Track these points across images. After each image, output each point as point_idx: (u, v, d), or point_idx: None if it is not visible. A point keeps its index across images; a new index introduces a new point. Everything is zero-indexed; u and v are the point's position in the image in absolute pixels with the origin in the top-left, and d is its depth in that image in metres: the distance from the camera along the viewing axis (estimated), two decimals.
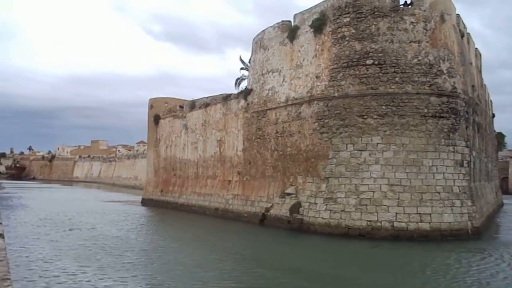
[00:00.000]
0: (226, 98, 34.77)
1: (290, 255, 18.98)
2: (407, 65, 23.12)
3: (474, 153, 26.68)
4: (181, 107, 42.00)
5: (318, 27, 25.49)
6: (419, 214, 21.78)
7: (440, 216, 21.86)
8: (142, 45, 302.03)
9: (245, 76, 38.90)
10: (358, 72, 23.60)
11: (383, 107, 23.02)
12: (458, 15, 26.12)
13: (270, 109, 29.15)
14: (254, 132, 30.66)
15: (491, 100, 45.48)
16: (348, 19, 24.12)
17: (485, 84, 38.98)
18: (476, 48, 33.49)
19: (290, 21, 28.43)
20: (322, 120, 24.72)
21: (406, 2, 23.90)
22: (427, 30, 23.48)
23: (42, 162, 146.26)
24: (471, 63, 29.58)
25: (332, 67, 24.54)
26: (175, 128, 42.30)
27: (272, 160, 28.68)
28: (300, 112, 26.40)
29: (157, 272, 15.41)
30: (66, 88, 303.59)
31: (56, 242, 20.75)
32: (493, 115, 46.33)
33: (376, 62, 23.27)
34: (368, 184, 22.63)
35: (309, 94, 25.85)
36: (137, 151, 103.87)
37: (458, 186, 22.87)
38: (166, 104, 45.80)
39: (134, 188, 77.22)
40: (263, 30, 30.72)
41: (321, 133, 24.72)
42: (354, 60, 23.71)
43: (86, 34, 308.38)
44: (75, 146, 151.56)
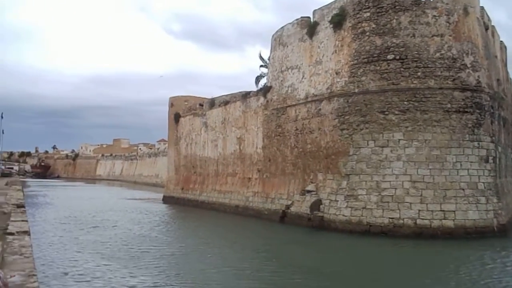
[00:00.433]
0: (246, 95, 34.78)
1: (312, 254, 18.84)
2: (429, 59, 22.70)
3: (499, 148, 26.03)
4: (201, 105, 42.21)
5: (338, 22, 25.23)
6: (443, 211, 21.39)
7: (465, 213, 21.43)
8: (162, 44, 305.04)
9: (264, 74, 38.79)
10: (379, 68, 23.29)
11: (405, 102, 22.65)
12: (482, 8, 25.53)
13: (289, 106, 29.02)
14: (273, 129, 30.58)
15: None
16: (368, 14, 23.80)
17: (511, 78, 38.07)
18: (501, 41, 32.66)
19: (309, 17, 28.23)
20: (343, 116, 24.49)
21: None
22: (450, 24, 23.01)
23: (66, 160, 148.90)
24: (496, 57, 28.87)
25: (352, 62, 24.27)
26: (195, 126, 42.53)
27: (292, 157, 28.56)
28: (320, 109, 26.21)
29: (177, 270, 15.49)
30: (88, 88, 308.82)
31: (80, 240, 21.12)
32: None
33: (398, 57, 22.92)
34: (390, 181, 22.32)
35: (329, 91, 25.63)
36: (158, 149, 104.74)
37: (483, 183, 22.38)
38: (186, 103, 46.09)
39: (155, 186, 77.96)
40: (282, 27, 30.59)
41: (341, 129, 24.50)
42: (375, 55, 23.39)
43: (108, 35, 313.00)
44: (98, 145, 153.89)
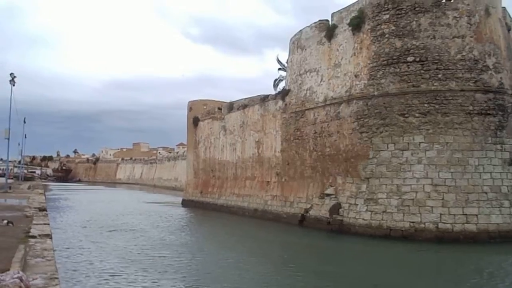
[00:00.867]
0: (264, 99, 34.84)
1: (332, 258, 18.71)
2: (450, 61, 22.45)
3: None
4: (219, 109, 42.43)
5: (357, 25, 25.14)
6: (465, 215, 21.07)
7: (488, 217, 21.07)
8: (181, 48, 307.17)
9: (283, 77, 38.86)
10: (398, 70, 23.11)
11: (426, 105, 22.43)
12: (504, 8, 25.16)
13: (308, 109, 28.98)
14: (292, 132, 30.55)
15: None
16: (387, 16, 23.67)
17: None
18: None
19: (327, 20, 28.18)
20: (362, 119, 24.35)
21: None
22: (471, 25, 22.74)
23: (86, 164, 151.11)
24: None
25: (371, 65, 24.14)
26: (214, 129, 42.75)
27: (310, 161, 28.48)
28: (339, 112, 26.11)
29: (196, 274, 15.48)
30: (108, 92, 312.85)
31: (100, 243, 21.34)
32: None
33: (418, 59, 22.72)
34: (410, 184, 22.09)
35: (348, 94, 25.52)
36: (177, 153, 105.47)
37: (507, 186, 21.99)
38: (205, 106, 46.39)
39: (175, 189, 78.51)
40: (300, 30, 30.60)
41: (360, 132, 24.35)
42: (395, 57, 23.23)
43: (127, 39, 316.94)
44: (118, 149, 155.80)
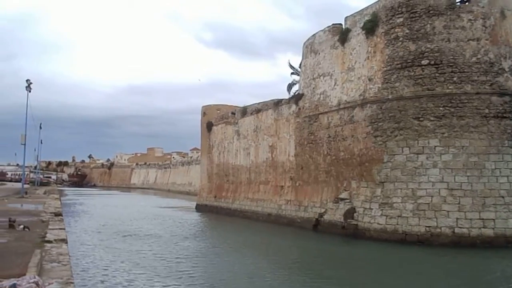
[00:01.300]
0: (277, 103, 34.84)
1: (348, 265, 18.46)
2: (465, 64, 22.23)
3: None
4: (233, 113, 42.51)
5: (370, 28, 25.03)
6: (482, 219, 20.79)
7: (505, 221, 20.75)
8: (194, 53, 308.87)
9: (296, 81, 38.84)
10: (413, 73, 22.95)
11: (441, 108, 22.22)
12: None
13: (322, 113, 28.89)
14: (306, 137, 30.48)
15: None
16: (401, 19, 23.53)
17: None
18: None
19: (341, 24, 28.11)
20: (376, 123, 24.19)
21: None
22: (486, 27, 22.50)
23: (101, 169, 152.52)
24: None
25: (385, 69, 24.00)
26: (228, 134, 42.84)
27: (324, 165, 28.36)
28: (352, 116, 25.98)
29: (210, 281, 15.39)
30: (122, 98, 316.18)
31: (115, 248, 21.42)
32: None
33: (432, 62, 22.54)
34: (426, 189, 21.86)
35: (361, 97, 25.40)
36: (191, 157, 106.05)
37: None
38: (218, 111, 46.54)
39: (189, 194, 78.81)
40: (314, 34, 30.56)
41: (375, 136, 24.20)
42: (409, 61, 23.07)
43: (140, 44, 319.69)
44: (132, 154, 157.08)
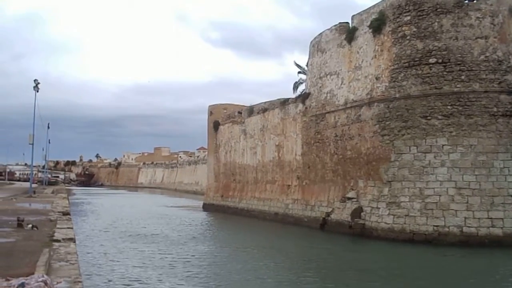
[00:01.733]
0: (284, 102, 34.79)
1: (356, 264, 18.24)
2: (473, 62, 22.08)
3: None
4: (239, 113, 42.55)
5: (377, 27, 24.91)
6: (490, 218, 20.66)
7: None
8: (201, 52, 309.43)
9: (302, 80, 38.73)
10: (420, 72, 22.82)
11: (448, 107, 22.10)
12: None
13: (328, 112, 28.81)
14: (312, 136, 30.41)
15: None
16: (408, 18, 23.40)
17: None
18: None
19: (347, 22, 28.01)
20: (383, 122, 24.09)
21: None
22: (494, 25, 22.33)
23: (109, 169, 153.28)
24: None
25: (392, 67, 23.89)
26: (234, 133, 42.86)
27: (331, 164, 28.29)
28: (359, 115, 25.88)
29: (217, 281, 15.34)
30: (130, 97, 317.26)
31: (122, 248, 21.45)
32: None
33: (440, 61, 22.40)
34: (433, 188, 21.74)
35: (369, 96, 25.30)
36: (197, 157, 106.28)
37: None
38: (225, 111, 46.58)
39: (195, 193, 78.96)
40: (320, 33, 30.48)
41: (382, 135, 24.09)
42: (416, 59, 22.95)
43: (148, 44, 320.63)
44: (139, 153, 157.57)
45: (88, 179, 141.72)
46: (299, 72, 41.53)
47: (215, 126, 46.80)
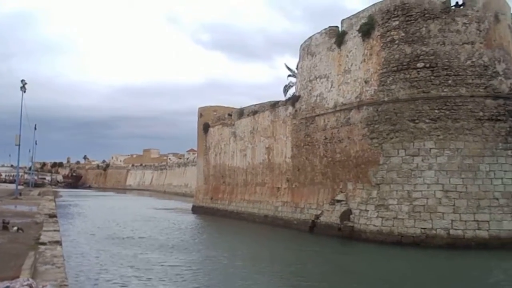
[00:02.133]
0: (274, 105, 34.89)
1: (344, 267, 18.28)
2: (460, 67, 22.38)
3: None
4: (229, 115, 42.55)
5: (366, 31, 25.14)
6: (477, 221, 20.90)
7: (500, 223, 20.87)
8: (192, 54, 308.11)
9: (292, 83, 38.91)
10: (408, 76, 23.07)
11: (436, 111, 22.35)
12: None
13: (318, 115, 28.96)
14: (302, 138, 30.53)
15: None
16: (397, 22, 23.64)
17: None
18: None
19: (337, 26, 28.21)
20: (372, 125, 24.28)
21: (457, 3, 23.20)
22: (480, 31, 22.67)
23: (97, 171, 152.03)
24: None
25: (381, 71, 24.11)
26: (224, 136, 42.86)
27: (321, 167, 28.42)
28: (349, 118, 26.06)
29: (205, 283, 15.32)
30: (120, 99, 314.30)
31: (109, 251, 21.25)
32: None
33: (428, 65, 22.67)
34: (421, 191, 21.96)
35: (358, 99, 25.49)
36: (187, 159, 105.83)
37: None
38: (215, 113, 46.51)
39: (185, 195, 78.69)
40: (310, 37, 30.65)
41: (371, 138, 24.28)
42: (404, 63, 23.19)
43: (139, 46, 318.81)
44: (128, 155, 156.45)
45: (75, 181, 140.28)
46: (289, 75, 41.78)
47: (205, 128, 46.73)
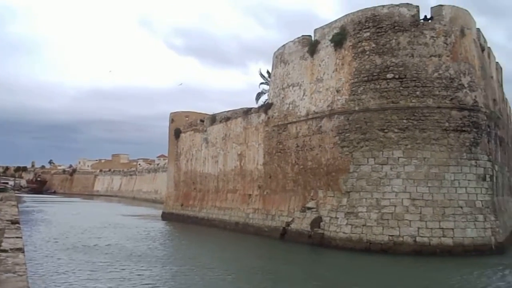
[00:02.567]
0: (247, 112, 35.11)
1: (313, 275, 18.42)
2: (427, 79, 23.17)
3: (496, 167, 26.34)
4: (201, 121, 42.49)
5: (339, 41, 25.74)
6: (442, 228, 21.59)
7: (463, 231, 21.63)
8: (165, 59, 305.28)
9: (265, 90, 39.36)
10: (378, 86, 23.72)
11: (404, 121, 23.04)
12: (478, 29, 26.12)
13: (290, 123, 29.34)
14: (274, 146, 30.84)
15: None
16: (368, 34, 24.32)
17: (506, 98, 38.53)
18: (497, 62, 33.23)
19: (310, 35, 28.74)
20: (343, 134, 24.81)
21: (426, 16, 24.04)
22: (447, 44, 23.55)
23: (63, 175, 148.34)
24: (492, 77, 29.37)
25: (352, 81, 24.70)
26: (196, 142, 42.75)
27: (292, 174, 28.76)
28: (320, 126, 26.54)
29: None
30: (89, 102, 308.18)
31: (75, 258, 20.65)
32: None
33: (397, 76, 23.38)
34: (389, 199, 22.55)
35: (329, 108, 26.00)
36: (157, 165, 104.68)
37: (481, 201, 22.65)
38: (187, 118, 46.35)
39: (155, 202, 77.76)
40: (284, 45, 31.10)
41: (341, 147, 24.79)
42: (375, 74, 23.85)
43: (110, 48, 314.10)
44: (96, 160, 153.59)
45: (40, 186, 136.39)
46: (261, 83, 42.22)
47: (176, 134, 46.47)
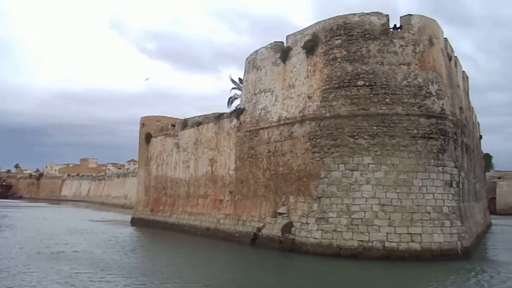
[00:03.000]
0: (219, 117, 34.96)
1: (283, 281, 18.34)
2: (397, 86, 23.59)
3: (462, 173, 27.04)
4: (173, 125, 42.06)
5: (310, 48, 25.94)
6: (410, 234, 21.92)
7: (431, 236, 22.02)
8: (135, 62, 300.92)
9: (237, 95, 39.24)
10: (349, 93, 23.99)
11: (374, 127, 23.35)
12: (445, 39, 26.82)
13: (262, 128, 29.35)
14: (246, 151, 30.78)
15: (478, 122, 46.33)
16: (339, 41, 24.61)
17: (472, 106, 39.70)
18: (464, 71, 34.21)
19: (282, 42, 28.87)
20: (314, 140, 24.96)
21: (395, 25, 24.51)
22: (416, 53, 24.05)
23: (29, 180, 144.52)
24: (458, 86, 30.21)
25: (324, 87, 24.91)
26: (167, 146, 42.29)
27: (264, 180, 28.75)
28: (292, 132, 26.64)
29: None
30: (57, 105, 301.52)
31: (39, 266, 19.98)
32: (480, 137, 47.09)
33: (367, 83, 23.71)
34: (359, 204, 22.77)
35: (301, 114, 26.13)
36: (127, 169, 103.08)
37: (448, 206, 23.13)
38: (158, 123, 45.82)
39: (124, 207, 76.49)
40: (256, 51, 31.13)
41: (313, 152, 24.93)
42: (346, 81, 24.12)
43: (80, 51, 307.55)
44: (64, 165, 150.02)
45: (5, 191, 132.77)
46: (233, 88, 42.06)
47: (147, 138, 45.84)
